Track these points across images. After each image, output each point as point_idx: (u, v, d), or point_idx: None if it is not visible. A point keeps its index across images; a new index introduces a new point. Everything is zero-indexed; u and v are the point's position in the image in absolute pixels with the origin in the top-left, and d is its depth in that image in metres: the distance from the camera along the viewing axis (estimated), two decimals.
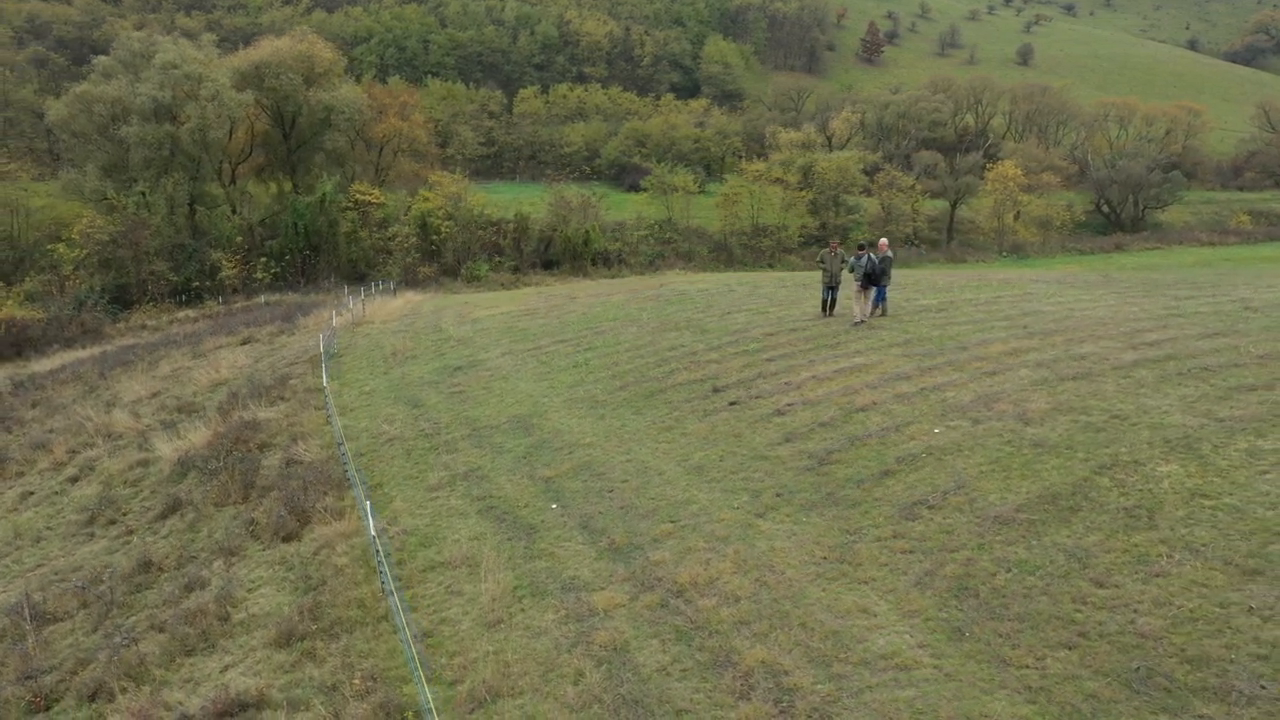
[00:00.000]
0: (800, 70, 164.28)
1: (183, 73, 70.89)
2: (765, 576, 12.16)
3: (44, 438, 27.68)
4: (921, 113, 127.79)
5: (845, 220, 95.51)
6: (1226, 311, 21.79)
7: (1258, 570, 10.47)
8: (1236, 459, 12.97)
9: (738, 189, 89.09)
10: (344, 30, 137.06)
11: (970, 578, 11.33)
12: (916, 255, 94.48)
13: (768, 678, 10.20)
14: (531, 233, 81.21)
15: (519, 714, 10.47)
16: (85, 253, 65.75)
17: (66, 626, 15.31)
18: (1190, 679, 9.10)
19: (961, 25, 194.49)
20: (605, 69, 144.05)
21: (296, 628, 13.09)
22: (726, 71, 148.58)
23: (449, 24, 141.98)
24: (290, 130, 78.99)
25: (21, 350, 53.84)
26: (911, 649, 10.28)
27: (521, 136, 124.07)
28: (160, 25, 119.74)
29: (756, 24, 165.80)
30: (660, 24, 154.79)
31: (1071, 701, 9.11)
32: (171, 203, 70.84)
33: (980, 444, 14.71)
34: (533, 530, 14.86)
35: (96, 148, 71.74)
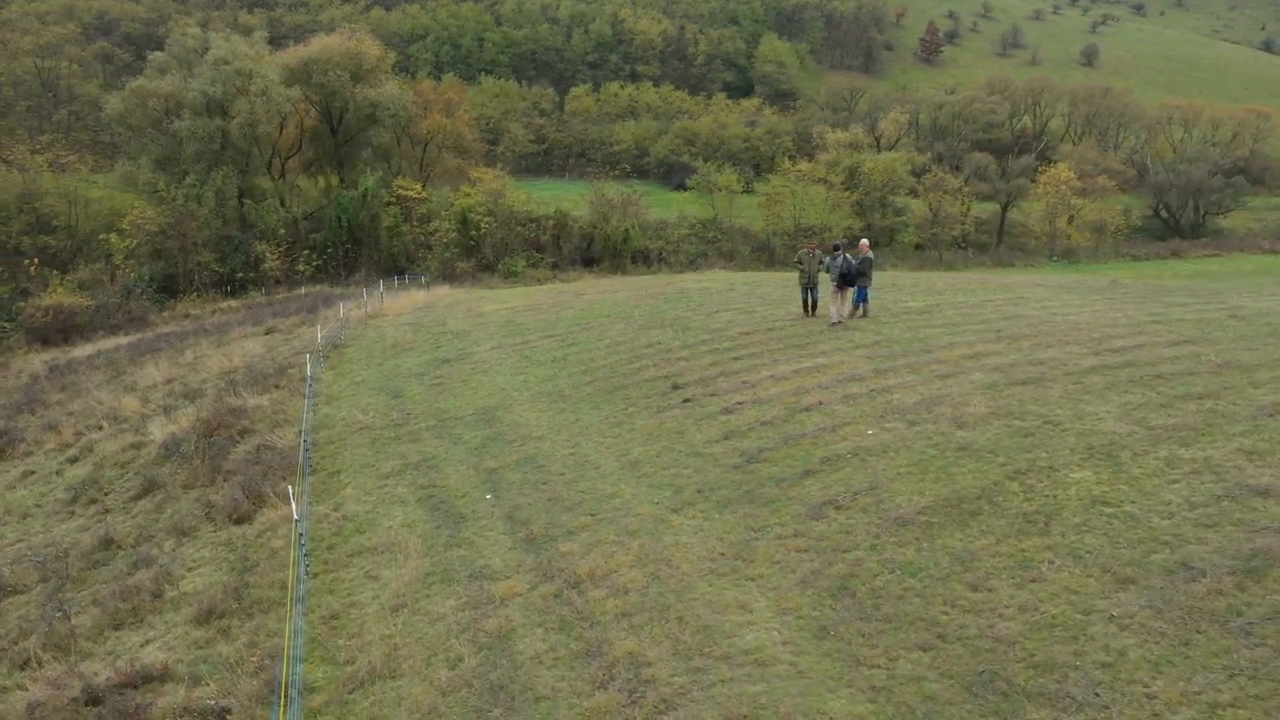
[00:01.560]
0: (856, 70, 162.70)
1: (234, 69, 72.55)
2: (660, 570, 12.32)
3: (57, 419, 28.77)
4: (976, 114, 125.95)
5: (892, 221, 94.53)
6: (1211, 319, 21.30)
7: (1131, 579, 10.36)
8: (1152, 467, 12.78)
9: (780, 189, 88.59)
10: (401, 28, 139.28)
11: (852, 578, 11.37)
12: (963, 258, 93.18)
13: (630, 669, 10.36)
14: (571, 230, 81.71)
15: (393, 696, 10.79)
16: (136, 243, 67.74)
17: (24, 599, 16.00)
18: (1030, 684, 9.07)
19: (1024, 25, 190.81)
20: (658, 68, 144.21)
21: (218, 606, 13.57)
22: (780, 71, 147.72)
23: (504, 22, 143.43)
24: (338, 126, 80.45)
25: (68, 336, 55.72)
26: (774, 646, 10.37)
27: (572, 134, 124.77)
28: (223, 22, 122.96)
29: (813, 23, 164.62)
30: (715, 23, 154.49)
31: (909, 702, 9.13)
32: (220, 195, 72.57)
33: (907, 446, 14.67)
34: (462, 520, 15.18)
35: (151, 141, 73.80)
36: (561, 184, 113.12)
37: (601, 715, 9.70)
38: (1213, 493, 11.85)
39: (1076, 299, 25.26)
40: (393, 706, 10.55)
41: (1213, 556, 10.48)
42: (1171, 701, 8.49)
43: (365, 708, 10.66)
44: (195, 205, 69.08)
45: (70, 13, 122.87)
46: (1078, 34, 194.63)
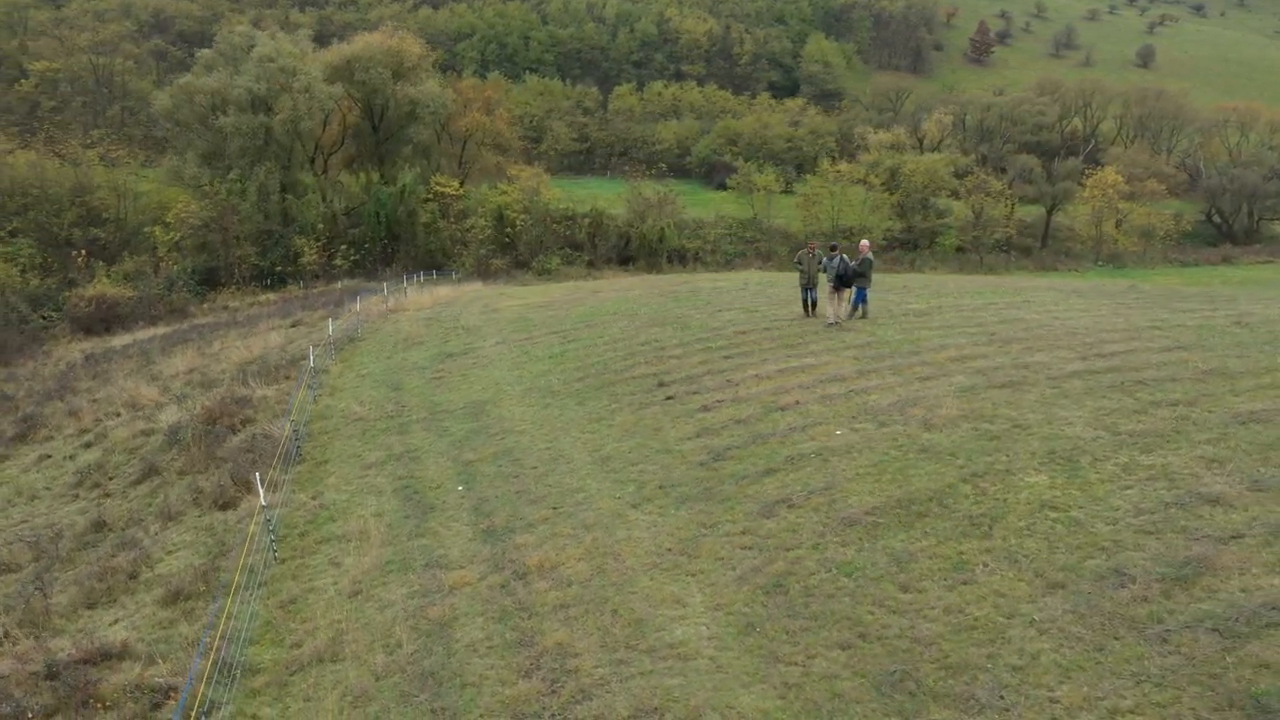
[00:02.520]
0: (905, 70, 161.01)
1: (278, 66, 73.89)
2: (605, 564, 12.45)
3: (79, 406, 29.62)
4: (1025, 115, 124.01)
5: (933, 224, 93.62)
6: (1213, 326, 20.89)
7: (1062, 584, 10.29)
8: (1108, 473, 12.64)
9: (819, 189, 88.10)
10: (448, 26, 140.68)
11: (789, 576, 11.41)
12: (1005, 262, 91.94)
13: (556, 659, 10.52)
14: (607, 228, 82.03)
15: (330, 679, 11.05)
16: (179, 235, 69.31)
17: (14, 577, 16.56)
18: (939, 685, 9.07)
19: (1079, 25, 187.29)
20: (704, 67, 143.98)
21: (186, 589, 13.97)
22: (827, 71, 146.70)
23: (550, 21, 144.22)
24: (379, 123, 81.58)
25: (110, 326, 57.17)
26: (700, 640, 10.46)
27: (614, 133, 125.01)
28: (274, 20, 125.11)
29: (861, 23, 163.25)
30: (761, 22, 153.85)
31: (817, 699, 9.18)
32: (263, 190, 73.94)
33: (871, 447, 14.64)
34: (431, 510, 15.45)
35: (197, 136, 75.41)
36: (603, 182, 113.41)
37: (520, 703, 9.87)
38: (1163, 499, 11.70)
39: (1082, 303, 24.90)
40: (328, 689, 10.81)
41: (1146, 563, 10.37)
42: (1073, 706, 8.45)
43: (302, 690, 10.94)
44: (238, 199, 70.49)
45: (128, 10, 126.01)
46: (1134, 34, 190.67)
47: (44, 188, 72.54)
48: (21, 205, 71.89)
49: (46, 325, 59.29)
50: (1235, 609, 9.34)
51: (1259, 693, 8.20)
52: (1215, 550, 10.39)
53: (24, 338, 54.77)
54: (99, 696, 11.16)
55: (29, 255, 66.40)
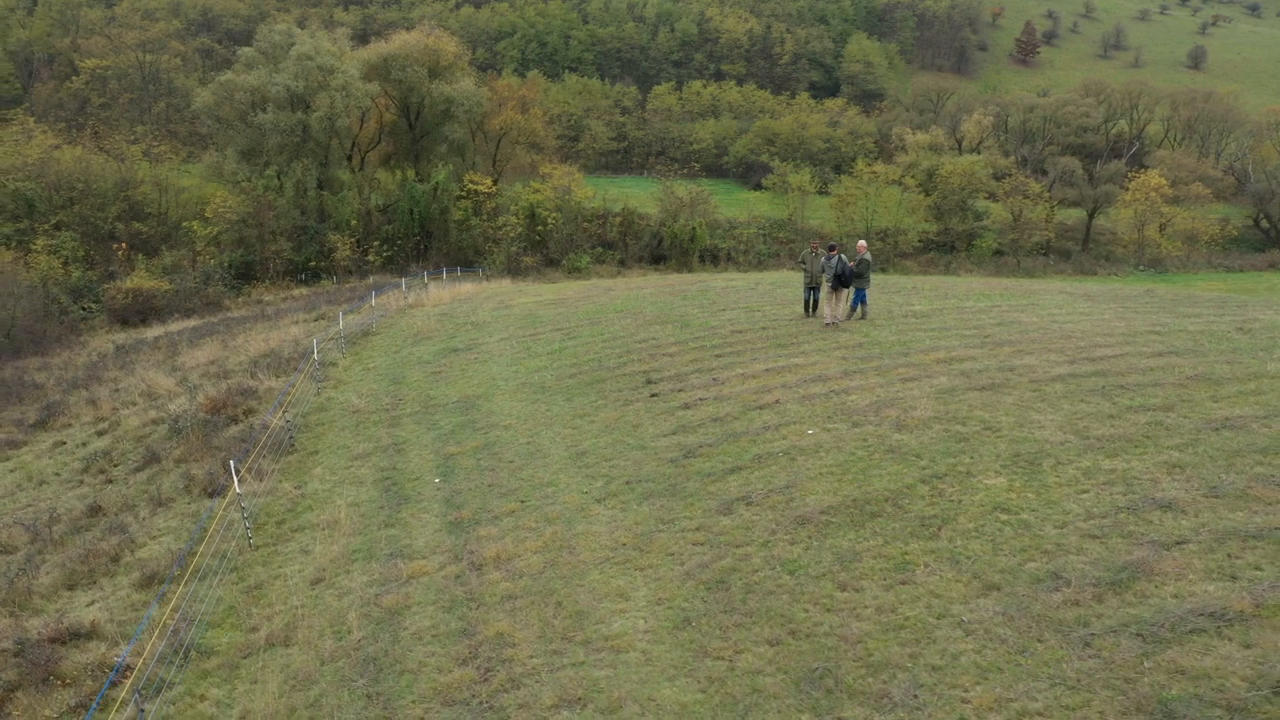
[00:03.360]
0: (948, 71, 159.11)
1: (316, 64, 74.97)
2: (559, 557, 12.60)
3: (100, 395, 30.36)
4: (1069, 117, 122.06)
5: (971, 226, 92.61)
6: (1214, 332, 20.55)
7: (997, 586, 10.26)
8: (1068, 477, 12.55)
9: (853, 190, 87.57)
10: (489, 26, 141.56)
11: (733, 572, 11.47)
12: (1043, 265, 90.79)
13: (494, 648, 10.69)
14: (638, 227, 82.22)
15: (279, 662, 11.32)
16: (217, 230, 70.59)
17: (7, 559, 17.06)
18: (858, 683, 9.10)
19: (1128, 25, 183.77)
20: (743, 66, 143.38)
21: (162, 572, 14.33)
22: (868, 71, 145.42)
23: (591, 20, 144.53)
24: (415, 120, 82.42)
25: (146, 318, 58.42)
26: (636, 633, 10.57)
27: (652, 133, 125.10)
28: (319, 19, 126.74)
29: (904, 23, 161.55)
30: (803, 22, 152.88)
31: (737, 694, 9.25)
32: (299, 186, 75.02)
33: (839, 447, 14.64)
34: (406, 501, 15.70)
35: (237, 133, 76.67)
36: (639, 181, 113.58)
37: (452, 690, 10.05)
38: (1116, 504, 11.60)
39: (1087, 308, 24.58)
40: (274, 672, 11.07)
41: (1085, 567, 10.30)
42: (982, 707, 8.45)
43: (250, 672, 11.21)
44: (275, 195, 71.62)
45: (177, 9, 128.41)
46: (1185, 35, 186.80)
47: (89, 182, 74.21)
48: (67, 199, 73.60)
49: (86, 316, 60.73)
50: (1163, 614, 9.27)
51: (1168, 698, 8.14)
52: (1156, 555, 10.30)
53: (63, 328, 56.16)
54: (59, 674, 11.52)
55: (72, 248, 67.98)
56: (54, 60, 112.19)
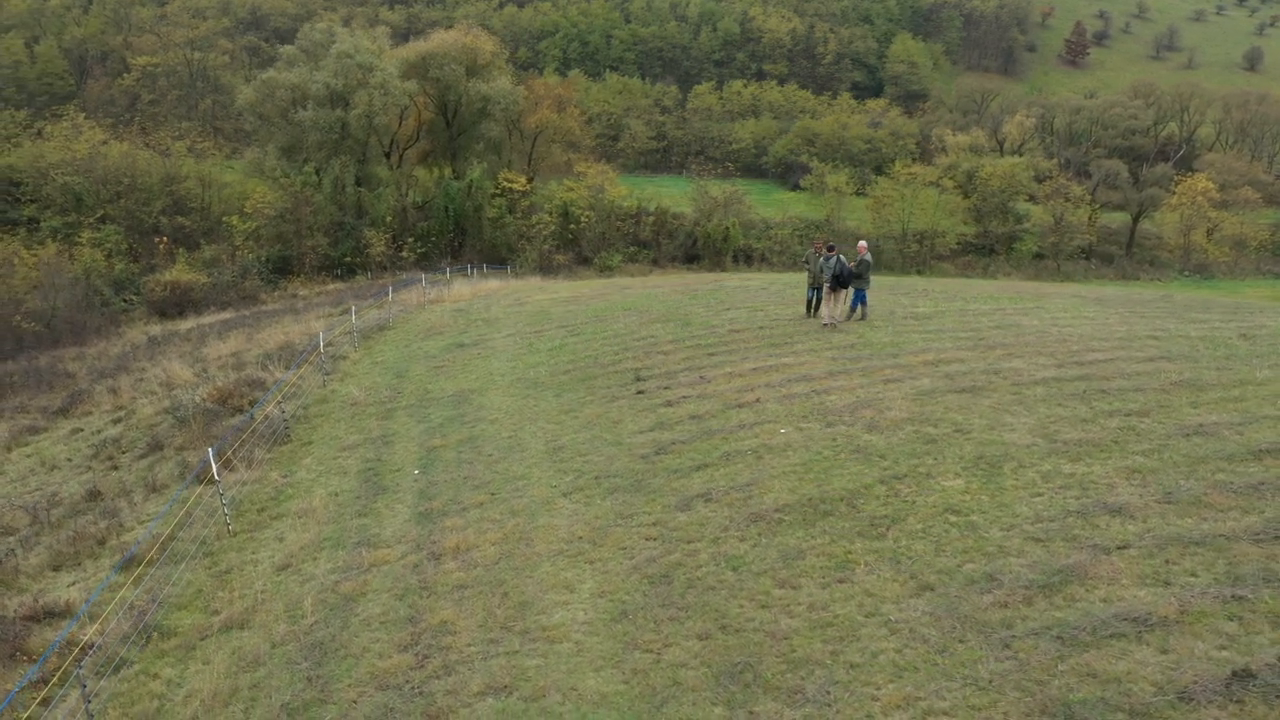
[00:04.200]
0: (995, 71, 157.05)
1: (355, 62, 75.97)
2: (516, 549, 12.78)
3: (122, 384, 31.14)
4: (1116, 119, 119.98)
5: (1011, 229, 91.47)
6: (1215, 338, 20.20)
7: (932, 586, 10.26)
8: (1026, 480, 12.47)
9: (889, 192, 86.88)
10: (532, 25, 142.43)
11: (679, 567, 11.57)
12: (1083, 269, 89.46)
13: (435, 636, 10.90)
14: (672, 226, 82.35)
15: (233, 644, 11.63)
16: (256, 225, 71.88)
17: (10, 539, 17.63)
18: (777, 678, 9.16)
19: (1182, 26, 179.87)
20: (785, 66, 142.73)
21: (143, 555, 14.72)
22: (912, 71, 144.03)
23: (633, 19, 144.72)
24: (452, 119, 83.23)
25: (183, 310, 59.69)
26: (574, 624, 10.71)
27: (692, 132, 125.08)
28: (365, 18, 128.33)
29: (951, 23, 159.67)
30: (847, 21, 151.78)
31: (657, 685, 9.36)
32: (338, 183, 76.11)
33: (807, 446, 14.65)
34: (383, 492, 15.99)
35: (278, 129, 77.95)
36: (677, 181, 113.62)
37: (387, 675, 10.28)
38: (1067, 508, 11.52)
39: (1093, 311, 24.26)
40: (227, 654, 11.38)
41: (1021, 570, 10.26)
42: (890, 705, 8.48)
43: (204, 653, 11.54)
44: (313, 191, 72.74)
45: (226, 8, 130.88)
46: (1241, 36, 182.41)
47: (135, 177, 75.91)
48: (114, 194, 75.35)
49: (126, 308, 62.15)
50: (1087, 618, 9.22)
51: (1073, 700, 8.11)
52: (1094, 560, 10.23)
53: (103, 319, 57.51)
54: (26, 650, 11.93)
55: (115, 241, 69.61)
56: (107, 58, 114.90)
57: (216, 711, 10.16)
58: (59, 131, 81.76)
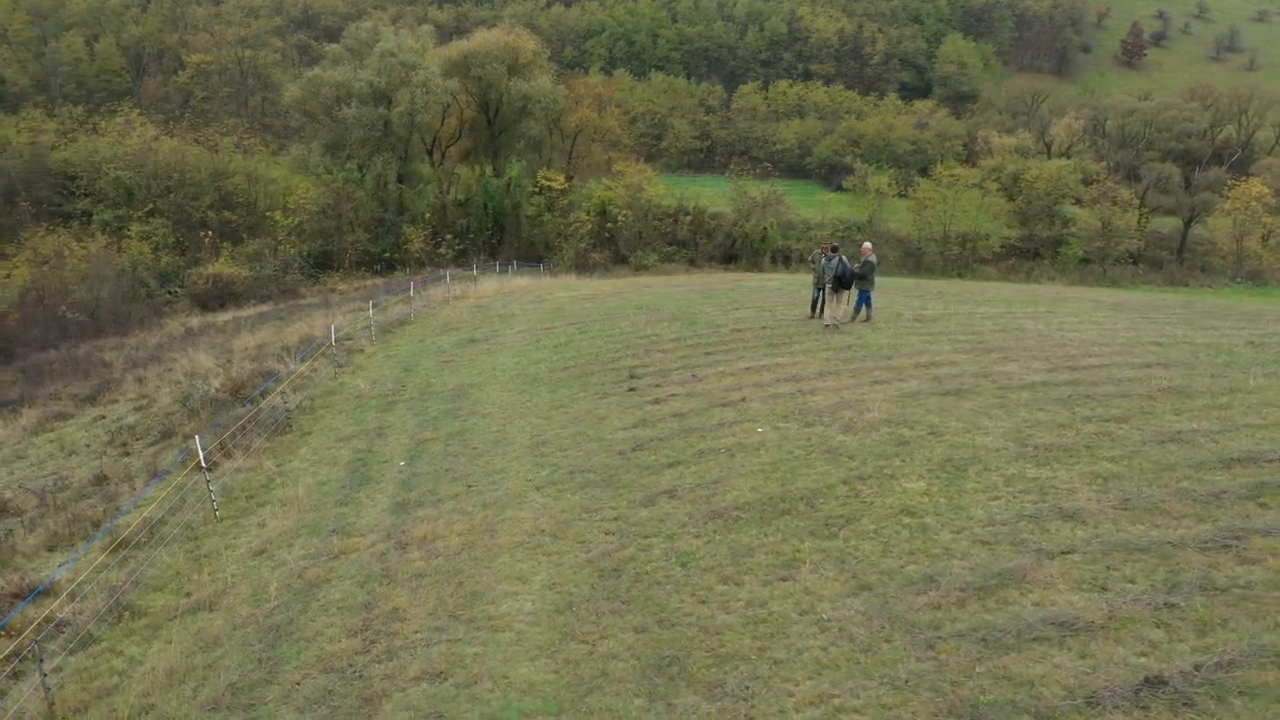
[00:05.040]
0: (1048, 73, 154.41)
1: (399, 60, 76.94)
2: (478, 540, 12.99)
3: (149, 373, 31.97)
4: (1170, 121, 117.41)
5: (1057, 232, 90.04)
6: (1221, 345, 19.83)
7: (870, 586, 10.28)
8: (987, 484, 12.41)
9: (930, 193, 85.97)
10: (579, 24, 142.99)
11: (631, 561, 11.69)
12: (1130, 274, 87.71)
13: (385, 622, 11.14)
14: (709, 226, 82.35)
15: (196, 625, 11.99)
16: (298, 220, 73.17)
17: (16, 520, 18.26)
18: (701, 673, 9.26)
19: (1244, 27, 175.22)
20: (833, 66, 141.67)
21: (132, 538, 15.20)
22: (962, 72, 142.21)
23: (679, 19, 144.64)
24: (494, 117, 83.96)
25: (224, 302, 60.99)
26: (520, 614, 10.89)
27: (736, 132, 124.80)
28: (414, 17, 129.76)
29: (1003, 23, 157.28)
30: (896, 21, 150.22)
31: (586, 676, 9.50)
32: (379, 179, 77.16)
33: (781, 445, 14.68)
34: (367, 482, 16.31)
35: (323, 127, 79.22)
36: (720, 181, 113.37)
37: (333, 658, 10.54)
38: (1021, 512, 11.45)
39: (1103, 316, 23.90)
40: (190, 634, 11.73)
41: (961, 572, 10.24)
42: (803, 702, 8.54)
43: (169, 633, 11.90)
44: (354, 187, 73.84)
45: (279, 7, 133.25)
46: None
47: (184, 173, 77.62)
48: (164, 188, 77.11)
49: (170, 300, 63.67)
50: (1015, 621, 9.19)
51: (982, 702, 8.11)
52: (1035, 563, 10.18)
53: (147, 310, 59.02)
54: (7, 626, 12.37)
55: (163, 235, 71.30)
56: (163, 56, 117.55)
57: (168, 689, 10.49)
58: (112, 127, 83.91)
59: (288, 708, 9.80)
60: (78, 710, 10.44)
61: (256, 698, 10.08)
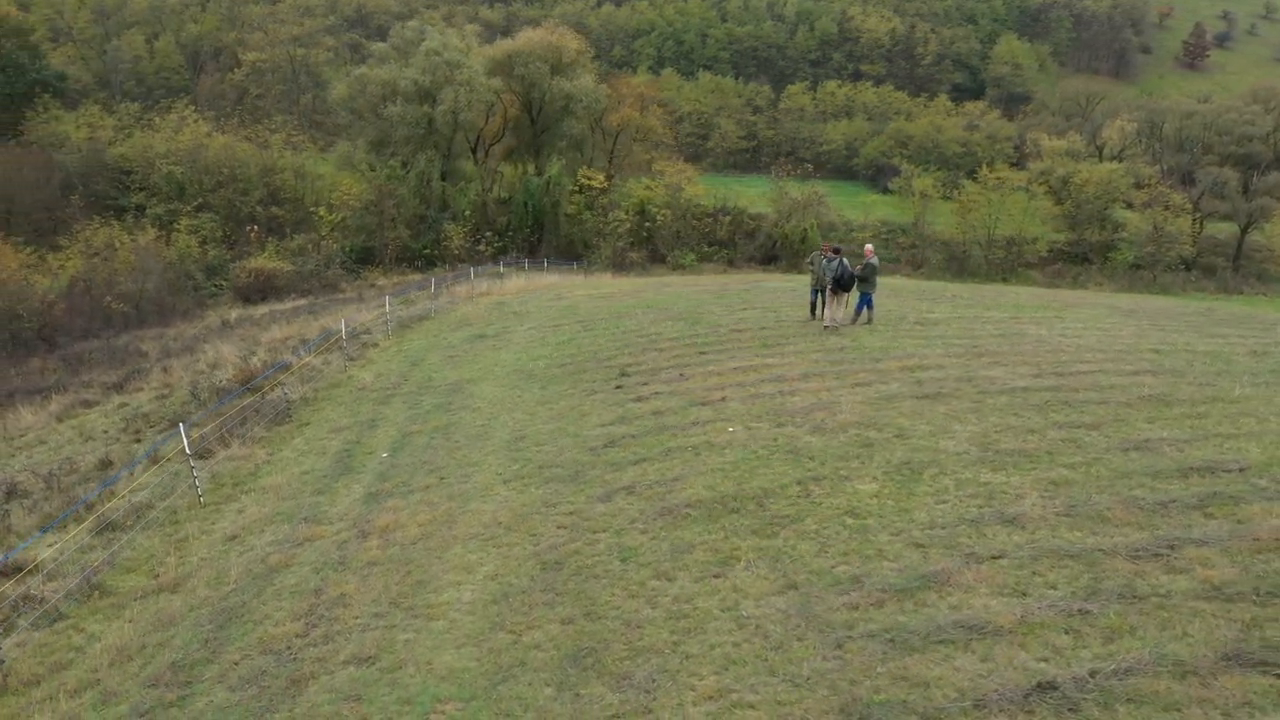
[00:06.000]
0: (1105, 74, 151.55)
1: (443, 59, 77.92)
2: (436, 531, 13.26)
3: (175, 363, 32.84)
4: (1231, 125, 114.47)
5: (1107, 237, 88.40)
6: (1222, 353, 19.45)
7: (797, 585, 10.34)
8: (938, 487, 12.37)
9: (975, 196, 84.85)
10: (628, 24, 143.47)
11: (575, 555, 11.86)
12: (1181, 281, 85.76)
13: (330, 607, 11.45)
14: (749, 226, 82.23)
15: (158, 605, 12.41)
16: (341, 217, 74.46)
17: (25, 501, 18.95)
18: (615, 664, 9.40)
19: None
20: (883, 66, 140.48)
21: (119, 522, 15.74)
22: (1016, 73, 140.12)
23: (729, 18, 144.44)
24: (537, 116, 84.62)
25: (266, 296, 62.22)
26: (457, 604, 11.12)
27: (783, 132, 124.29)
28: (465, 16, 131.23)
29: (1060, 23, 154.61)
30: (949, 21, 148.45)
31: (505, 664, 9.70)
32: (422, 177, 78.18)
33: (747, 445, 14.74)
34: (347, 472, 16.68)
35: (368, 124, 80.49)
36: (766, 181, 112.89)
37: (273, 640, 10.86)
38: (964, 516, 11.42)
39: (1111, 322, 23.52)
40: (149, 613, 12.16)
41: (889, 574, 10.26)
42: (702, 696, 8.64)
43: (132, 612, 12.33)
44: (397, 184, 74.93)
45: (333, 6, 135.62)
46: None
47: (234, 168, 79.35)
48: (215, 183, 78.92)
49: (215, 293, 65.14)
50: (927, 624, 9.20)
51: (876, 701, 8.15)
52: (963, 567, 10.16)
53: (191, 303, 60.54)
54: None
55: (210, 229, 72.97)
56: (219, 54, 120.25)
57: (116, 665, 10.90)
58: (166, 124, 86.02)
59: (221, 686, 10.13)
60: (29, 683, 10.89)
61: (195, 675, 10.44)
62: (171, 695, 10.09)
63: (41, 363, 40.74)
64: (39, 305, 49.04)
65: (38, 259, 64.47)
